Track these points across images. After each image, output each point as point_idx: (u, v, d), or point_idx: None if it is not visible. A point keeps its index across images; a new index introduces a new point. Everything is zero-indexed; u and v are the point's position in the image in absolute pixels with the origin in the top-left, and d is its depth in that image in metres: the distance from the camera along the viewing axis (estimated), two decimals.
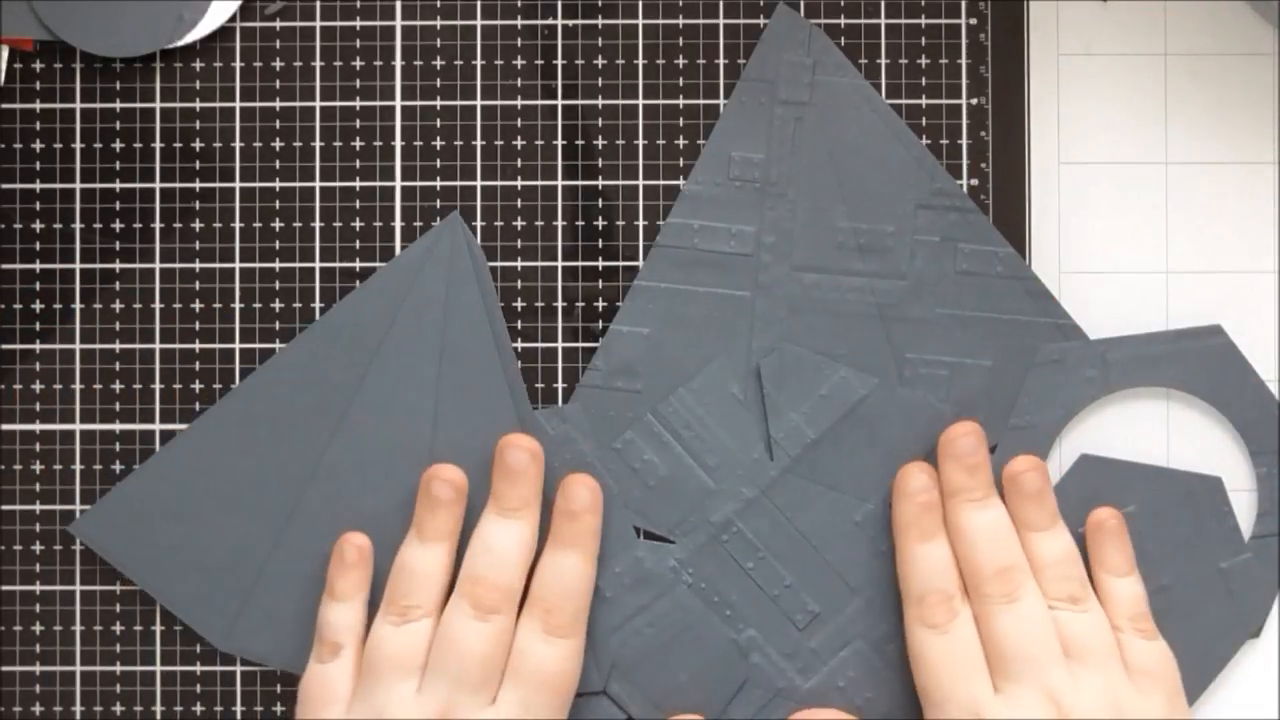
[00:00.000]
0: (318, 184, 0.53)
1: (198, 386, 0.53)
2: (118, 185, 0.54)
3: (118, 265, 0.53)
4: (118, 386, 0.53)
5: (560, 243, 0.53)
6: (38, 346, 0.53)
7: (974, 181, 0.53)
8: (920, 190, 0.52)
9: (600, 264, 0.53)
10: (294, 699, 0.51)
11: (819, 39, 0.53)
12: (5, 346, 0.54)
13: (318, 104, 0.53)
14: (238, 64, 0.54)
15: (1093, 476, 0.52)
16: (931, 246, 0.52)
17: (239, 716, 0.53)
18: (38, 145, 0.54)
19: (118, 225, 0.53)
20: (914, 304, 0.52)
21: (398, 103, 0.54)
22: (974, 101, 0.53)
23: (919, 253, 0.52)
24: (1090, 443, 0.53)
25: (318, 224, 0.53)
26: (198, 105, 0.54)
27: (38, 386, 0.53)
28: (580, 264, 0.53)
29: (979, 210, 0.53)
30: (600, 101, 0.53)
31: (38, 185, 0.54)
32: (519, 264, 0.53)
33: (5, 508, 0.53)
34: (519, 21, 0.54)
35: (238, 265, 0.53)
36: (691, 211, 0.53)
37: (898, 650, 0.52)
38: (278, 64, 0.53)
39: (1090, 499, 0.52)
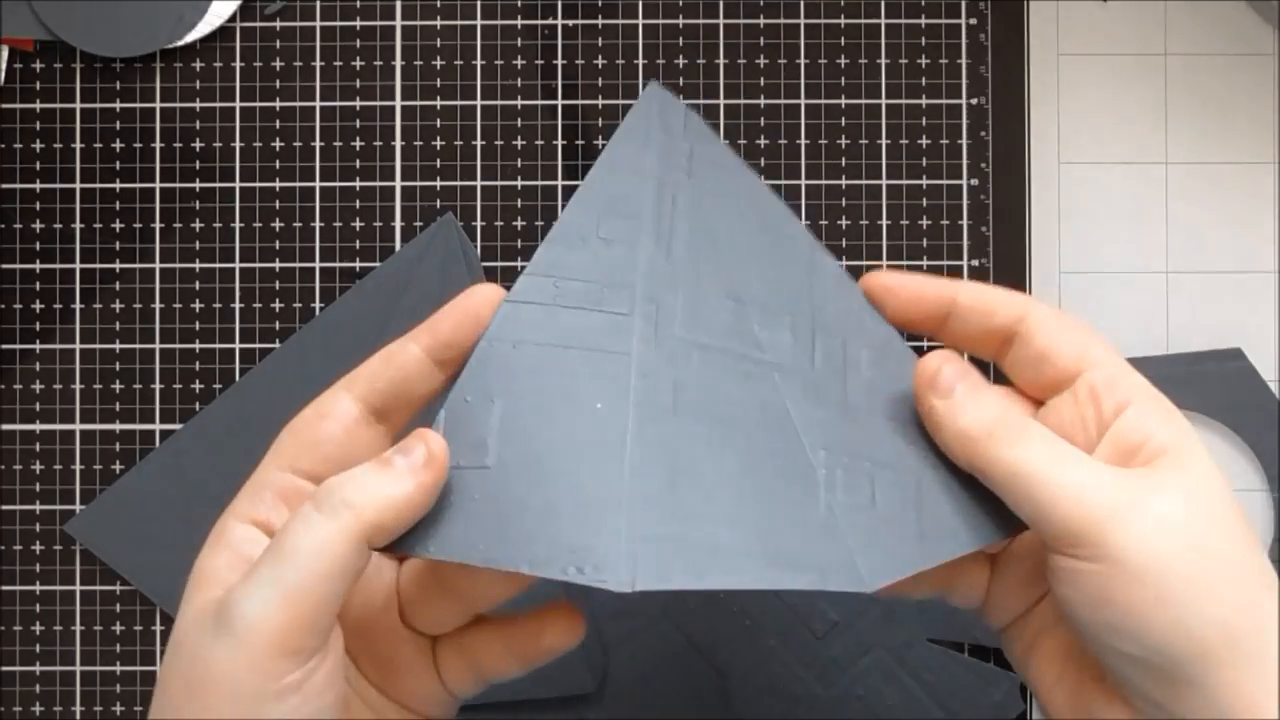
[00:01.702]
0: (318, 184, 0.53)
1: (198, 386, 0.53)
2: (118, 185, 0.54)
3: (118, 265, 0.53)
4: (118, 386, 0.53)
5: None
6: (38, 346, 0.53)
7: (974, 181, 0.53)
8: None
9: None
10: None
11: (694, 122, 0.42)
12: (5, 346, 0.54)
13: (318, 104, 0.53)
14: (238, 64, 0.54)
15: None
16: None
17: None
18: (38, 145, 0.54)
19: (118, 225, 0.53)
20: None
21: (398, 103, 0.54)
22: (974, 101, 0.53)
23: None
24: None
25: (318, 224, 0.53)
26: (198, 105, 0.54)
27: (38, 386, 0.53)
28: None
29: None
30: (600, 101, 0.53)
31: (38, 185, 0.54)
32: (519, 264, 0.53)
33: (5, 508, 0.53)
34: (519, 21, 0.54)
35: (238, 265, 0.53)
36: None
37: (918, 657, 0.52)
38: (278, 64, 0.53)
39: None
